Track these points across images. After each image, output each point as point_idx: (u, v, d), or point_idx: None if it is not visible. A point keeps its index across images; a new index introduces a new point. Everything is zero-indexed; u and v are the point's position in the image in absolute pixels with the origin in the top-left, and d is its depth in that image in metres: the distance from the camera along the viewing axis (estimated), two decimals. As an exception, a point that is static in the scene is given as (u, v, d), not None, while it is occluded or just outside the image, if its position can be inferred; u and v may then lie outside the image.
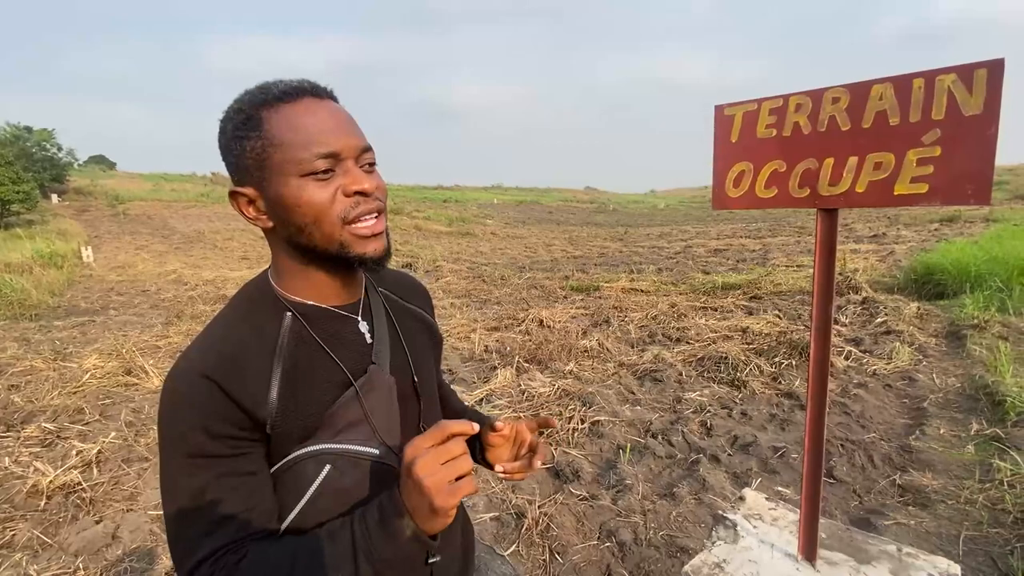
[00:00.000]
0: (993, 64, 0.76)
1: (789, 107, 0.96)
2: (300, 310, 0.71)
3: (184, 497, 0.63)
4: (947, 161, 0.81)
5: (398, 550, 0.61)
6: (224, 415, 0.63)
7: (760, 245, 13.53)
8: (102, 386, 4.35)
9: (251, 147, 0.65)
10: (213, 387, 0.62)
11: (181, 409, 0.63)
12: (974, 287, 6.16)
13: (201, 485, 0.62)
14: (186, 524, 0.63)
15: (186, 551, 0.62)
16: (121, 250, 13.92)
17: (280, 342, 0.68)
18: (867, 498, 2.68)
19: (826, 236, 0.99)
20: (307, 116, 0.65)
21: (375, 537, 0.61)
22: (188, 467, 0.63)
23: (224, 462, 0.63)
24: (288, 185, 0.65)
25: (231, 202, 0.70)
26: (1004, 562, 2.15)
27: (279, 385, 0.66)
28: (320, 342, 0.71)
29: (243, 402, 0.63)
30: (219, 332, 0.69)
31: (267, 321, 0.70)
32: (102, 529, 2.52)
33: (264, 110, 0.65)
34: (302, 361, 0.69)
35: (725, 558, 1.13)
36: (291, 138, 0.64)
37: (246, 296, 0.73)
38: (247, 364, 0.66)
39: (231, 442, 0.64)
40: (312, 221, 0.66)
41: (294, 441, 0.67)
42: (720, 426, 3.47)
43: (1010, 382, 3.67)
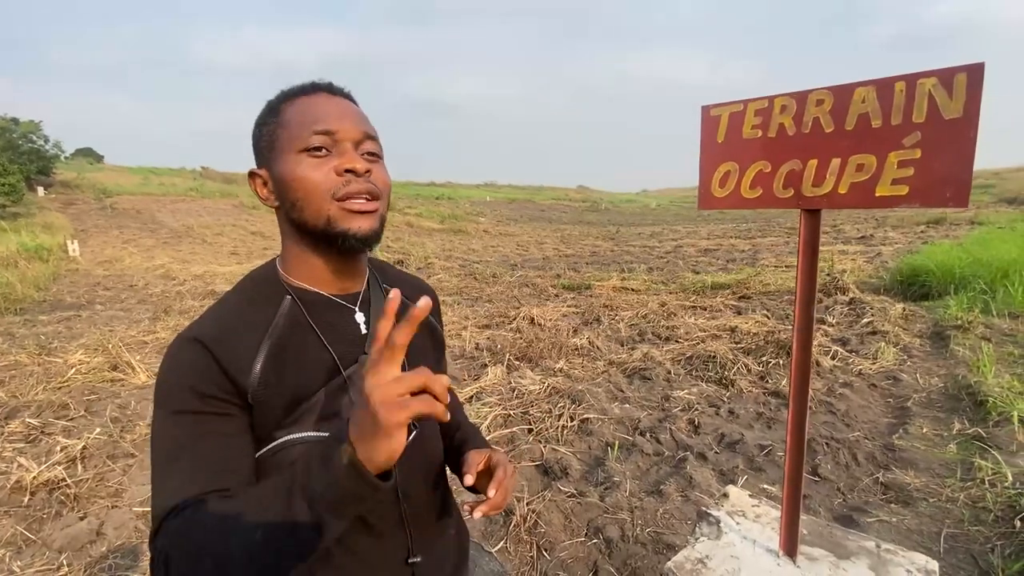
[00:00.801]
0: (973, 68, 0.77)
1: (774, 108, 0.97)
2: (299, 295, 0.75)
3: (166, 449, 0.65)
4: (927, 164, 0.83)
5: (332, 482, 0.54)
6: (210, 376, 0.66)
7: (750, 245, 13.64)
8: (87, 382, 4.30)
9: (267, 131, 0.73)
10: (202, 349, 0.66)
11: (173, 368, 0.67)
12: (958, 289, 6.26)
13: (185, 438, 0.65)
14: (166, 474, 0.64)
15: (162, 499, 0.63)
16: (108, 244, 13.73)
17: (275, 322, 0.72)
18: (851, 496, 2.72)
19: (809, 236, 1.00)
20: (316, 104, 0.72)
21: (312, 466, 0.56)
22: (173, 421, 0.65)
23: (208, 420, 0.66)
24: (287, 161, 0.70)
25: (249, 183, 0.76)
26: (984, 559, 2.20)
27: (264, 360, 0.69)
28: (314, 327, 0.73)
29: (228, 368, 0.66)
30: (221, 308, 0.74)
31: (267, 302, 0.74)
32: (86, 525, 2.49)
33: (284, 102, 0.73)
34: (293, 342, 0.72)
35: (708, 554, 1.15)
36: (296, 120, 0.70)
37: (252, 278, 0.78)
38: (237, 336, 0.69)
39: (215, 402, 0.66)
40: (303, 195, 0.69)
41: (276, 420, 0.69)
42: (708, 424, 3.50)
43: (992, 382, 3.74)
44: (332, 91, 0.75)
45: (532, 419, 3.50)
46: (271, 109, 0.73)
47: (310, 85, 0.74)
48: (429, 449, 0.87)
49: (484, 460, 0.85)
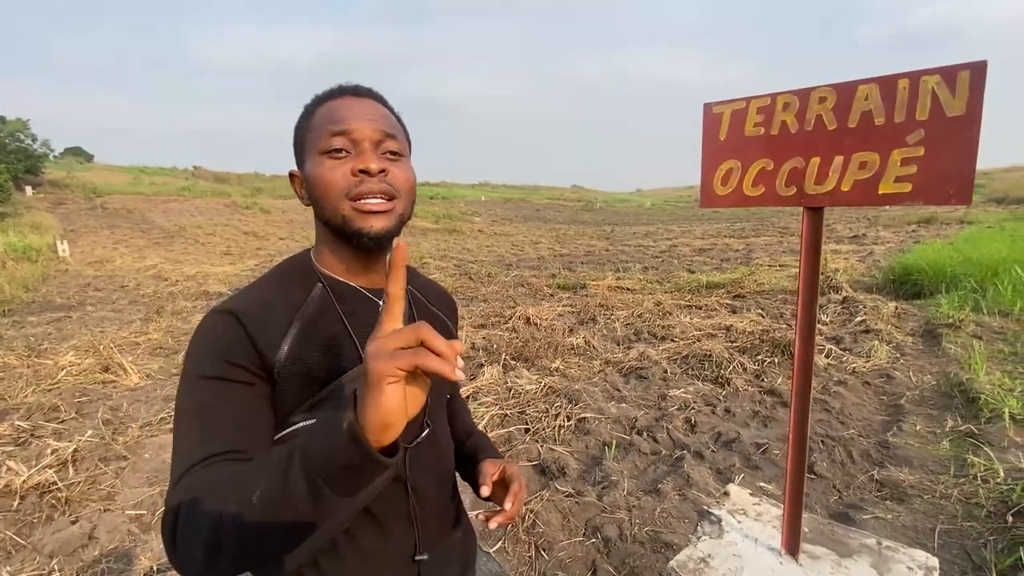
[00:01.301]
0: (976, 66, 0.77)
1: (777, 106, 0.97)
2: (330, 283, 0.78)
3: (190, 410, 0.67)
4: (930, 161, 0.83)
5: (329, 448, 0.52)
6: (240, 347, 0.68)
7: (744, 245, 13.70)
8: (78, 383, 4.25)
9: (300, 134, 0.77)
10: (235, 321, 0.69)
11: (205, 336, 0.70)
12: (949, 287, 6.31)
13: (207, 400, 0.67)
14: (187, 433, 0.66)
15: (181, 456, 0.65)
16: (98, 244, 13.59)
17: (306, 305, 0.75)
18: (846, 493, 2.73)
19: (812, 235, 1.00)
20: (336, 106, 0.74)
21: (314, 432, 0.55)
22: (200, 385, 0.68)
23: (233, 387, 0.68)
24: (312, 162, 0.74)
25: (291, 183, 0.81)
26: (978, 555, 2.21)
27: (292, 340, 0.71)
28: (341, 314, 0.76)
29: (258, 341, 0.69)
30: (255, 289, 0.77)
31: (299, 287, 0.77)
32: (78, 529, 2.46)
33: (319, 104, 0.76)
34: (320, 327, 0.74)
35: (710, 553, 1.14)
36: (320, 123, 0.74)
37: (287, 265, 0.81)
38: (270, 314, 0.72)
39: (242, 372, 0.68)
40: (322, 195, 0.73)
41: (295, 402, 0.70)
42: (704, 423, 3.51)
43: (984, 380, 3.77)
44: (358, 93, 0.77)
45: (529, 419, 3.50)
46: (306, 112, 0.77)
47: (338, 88, 0.77)
48: (441, 448, 0.87)
49: (499, 471, 0.89)
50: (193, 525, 0.57)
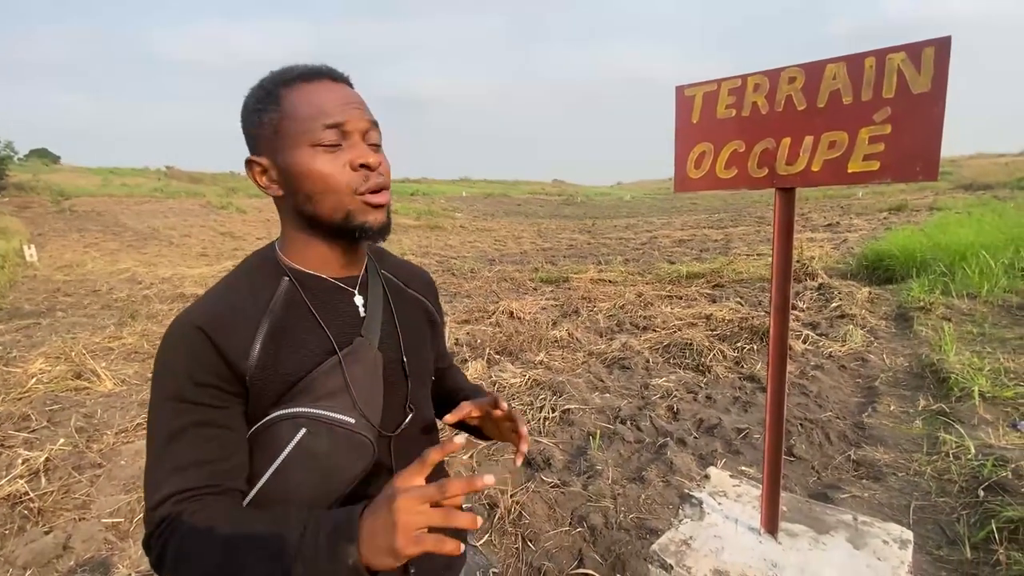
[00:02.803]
0: (940, 42, 0.78)
1: (748, 87, 0.97)
2: (297, 276, 0.75)
3: (163, 436, 0.66)
4: (897, 139, 0.84)
5: (333, 569, 0.56)
6: (209, 365, 0.66)
7: (722, 235, 13.89)
8: (49, 391, 4.12)
9: (268, 119, 0.70)
10: (202, 336, 0.66)
11: (172, 355, 0.68)
12: (920, 272, 6.48)
13: (180, 427, 0.65)
14: (160, 462, 0.65)
15: (155, 486, 0.65)
16: (68, 248, 13.16)
17: (272, 303, 0.72)
18: (824, 474, 2.79)
19: (784, 216, 1.01)
20: (321, 93, 0.71)
21: (320, 549, 0.57)
22: (171, 409, 0.66)
23: (204, 410, 0.66)
24: (299, 154, 0.69)
25: (246, 170, 0.74)
26: (951, 529, 2.28)
27: (263, 340, 0.69)
28: (311, 307, 0.74)
29: (227, 353, 0.67)
30: (219, 291, 0.73)
31: (265, 284, 0.74)
32: (52, 540, 2.39)
33: (283, 87, 0.71)
34: (290, 322, 0.72)
35: (691, 535, 1.15)
36: (304, 110, 0.69)
37: (250, 261, 0.78)
38: (237, 318, 0.69)
39: (214, 392, 0.67)
40: (321, 190, 0.70)
41: (271, 400, 0.69)
42: (686, 410, 3.55)
43: (953, 360, 3.89)
44: (334, 77, 0.73)
45: (522, 412, 3.50)
46: (268, 94, 0.71)
47: (310, 71, 0.72)
48: (425, 437, 0.87)
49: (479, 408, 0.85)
50: (187, 568, 0.61)
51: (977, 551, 2.14)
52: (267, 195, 0.75)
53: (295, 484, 0.69)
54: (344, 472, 0.71)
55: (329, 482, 0.71)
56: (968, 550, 2.14)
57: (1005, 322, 4.88)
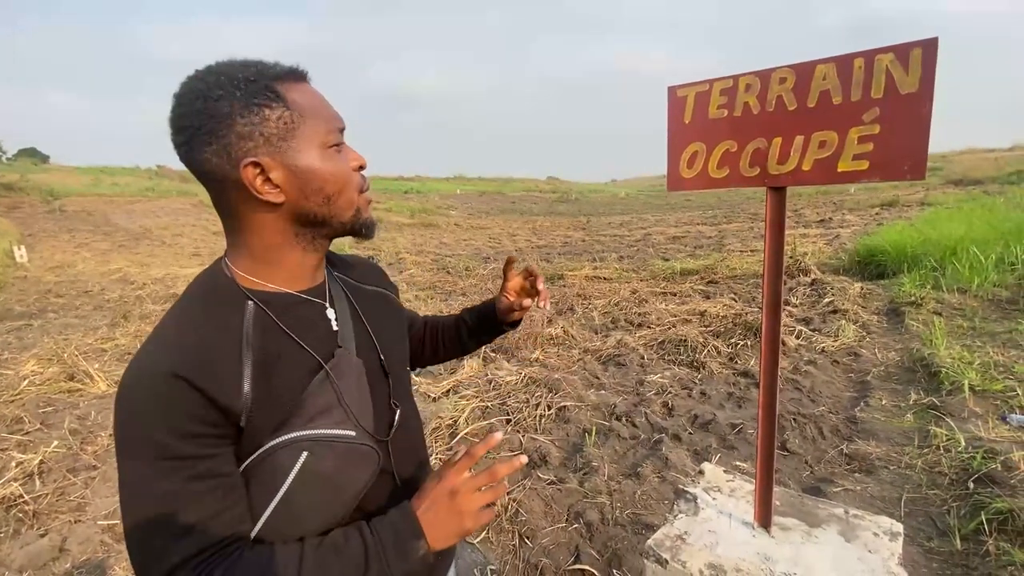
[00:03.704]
0: (927, 43, 0.79)
1: (739, 87, 0.98)
2: (262, 298, 0.69)
3: (151, 503, 0.59)
4: (885, 138, 0.85)
5: (407, 567, 0.64)
6: (195, 414, 0.60)
7: (716, 232, 13.95)
8: (42, 393, 4.09)
9: (276, 116, 0.64)
10: (184, 385, 0.59)
11: (147, 410, 0.59)
12: (911, 267, 6.54)
13: (170, 488, 0.59)
14: (154, 531, 0.58)
15: (155, 560, 0.58)
16: (59, 249, 13.03)
17: (245, 332, 0.66)
18: (817, 467, 2.82)
19: (775, 214, 1.03)
20: (315, 94, 0.70)
21: (391, 556, 0.64)
22: (155, 471, 0.59)
23: (195, 463, 0.60)
24: (315, 154, 0.67)
25: (240, 174, 0.64)
26: (942, 521, 2.32)
27: (251, 376, 0.64)
28: (286, 329, 0.70)
29: (218, 399, 0.61)
30: (178, 328, 0.65)
31: (228, 313, 0.67)
32: (48, 542, 2.38)
33: (280, 84, 0.65)
34: (270, 350, 0.67)
35: (686, 530, 1.17)
36: (315, 111, 0.68)
37: (201, 289, 0.70)
38: (216, 358, 0.63)
39: (202, 441, 0.61)
40: (339, 190, 0.70)
41: (266, 433, 0.65)
42: (681, 406, 3.57)
43: (944, 354, 3.93)
44: (308, 79, 0.71)
45: (510, 410, 3.51)
46: (264, 89, 0.64)
47: (297, 70, 0.69)
48: (412, 430, 0.88)
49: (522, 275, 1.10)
50: None
51: (967, 542, 2.17)
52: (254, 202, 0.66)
53: (304, 508, 0.67)
54: (353, 485, 0.70)
55: (339, 498, 0.70)
56: (958, 541, 2.17)
57: (995, 316, 4.94)
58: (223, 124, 0.63)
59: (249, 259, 0.71)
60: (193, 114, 0.63)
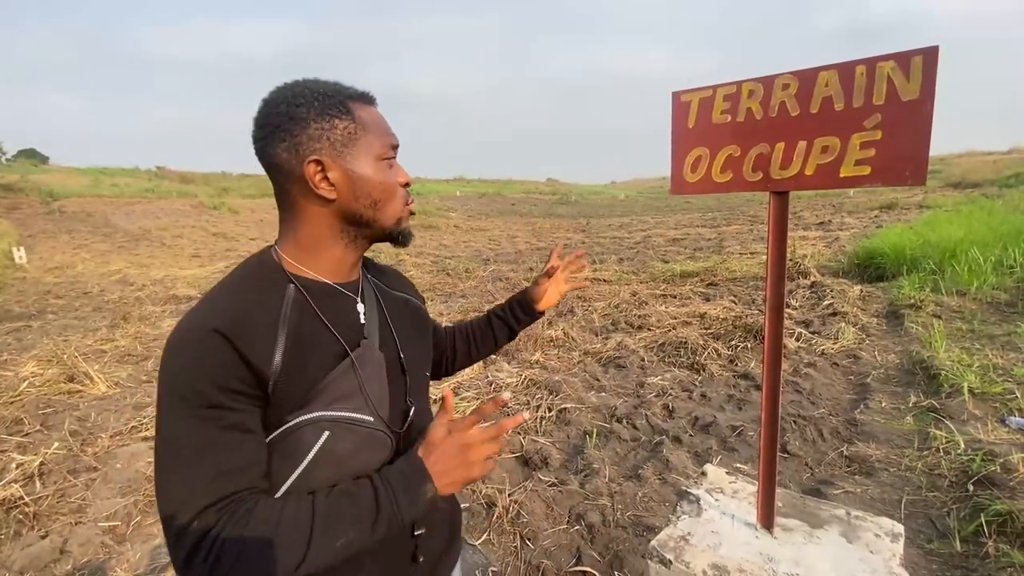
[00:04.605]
0: (928, 51, 0.80)
1: (742, 93, 1.00)
2: (303, 284, 0.78)
3: (188, 447, 0.65)
4: (887, 144, 0.86)
5: (416, 510, 0.70)
6: (232, 370, 0.67)
7: (715, 234, 13.97)
8: (42, 394, 4.09)
9: (343, 126, 0.75)
10: (224, 342, 0.66)
11: (191, 361, 0.66)
12: (910, 269, 6.56)
13: (207, 435, 0.65)
14: (188, 473, 0.64)
15: (186, 499, 0.64)
16: (58, 250, 13.03)
17: (284, 310, 0.74)
18: (818, 470, 2.83)
19: (778, 218, 1.04)
20: (379, 115, 0.81)
21: (400, 499, 0.69)
22: (194, 418, 0.65)
23: (230, 415, 0.66)
24: (370, 164, 0.77)
25: (304, 168, 0.74)
26: (942, 523, 2.33)
27: (283, 349, 0.71)
28: (320, 314, 0.77)
29: (252, 360, 0.67)
30: (225, 296, 0.73)
31: (271, 291, 0.75)
32: (49, 544, 2.38)
33: (351, 102, 0.77)
34: (304, 330, 0.74)
35: (689, 531, 1.18)
36: (375, 128, 0.78)
37: (249, 268, 0.78)
38: (255, 326, 0.70)
39: (236, 396, 0.67)
40: (385, 197, 0.79)
41: (289, 408, 0.71)
42: (681, 408, 3.58)
43: (943, 357, 3.95)
44: (376, 106, 0.83)
45: (510, 411, 3.52)
46: (338, 104, 0.75)
47: (368, 95, 0.81)
48: (425, 425, 0.90)
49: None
50: (258, 559, 0.62)
51: (967, 544, 2.18)
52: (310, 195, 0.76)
53: (320, 484, 0.72)
54: (366, 468, 0.76)
55: (352, 478, 0.75)
56: (958, 543, 2.18)
57: (994, 319, 4.95)
58: (298, 126, 0.73)
59: (296, 247, 0.79)
60: (276, 115, 0.74)
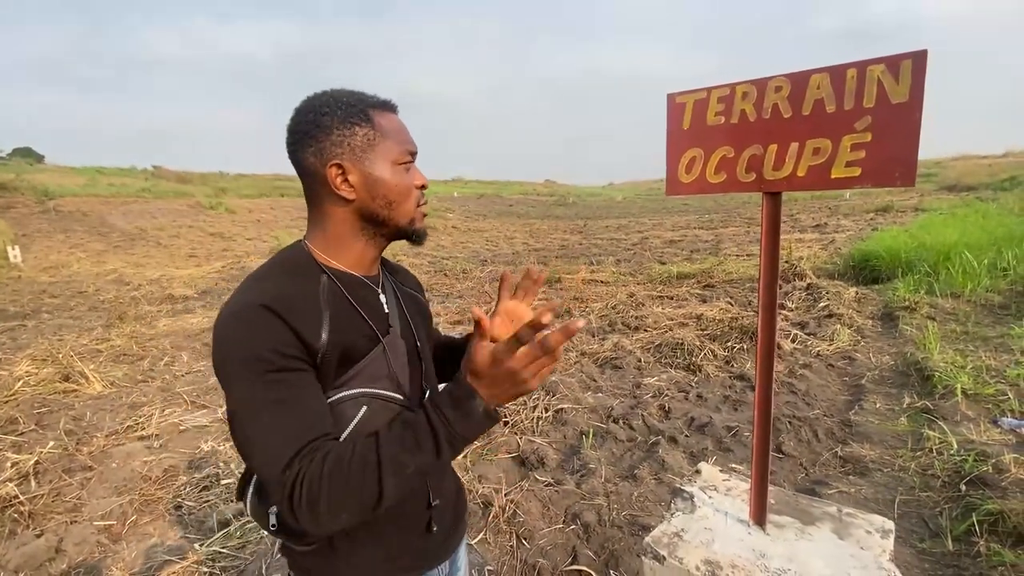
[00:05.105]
0: (917, 55, 0.82)
1: (736, 95, 1.01)
2: (335, 274, 0.84)
3: (264, 408, 0.71)
4: (877, 146, 0.88)
5: (474, 426, 0.71)
6: (290, 340, 0.73)
7: (713, 236, 14.02)
8: (36, 394, 4.08)
9: (363, 132, 0.81)
10: (275, 316, 0.72)
11: (247, 334, 0.72)
12: (905, 272, 6.60)
13: (277, 394, 0.71)
14: (273, 432, 0.70)
15: (277, 454, 0.70)
16: (53, 249, 12.98)
17: (322, 294, 0.80)
18: (812, 470, 2.85)
19: (771, 219, 1.05)
20: (399, 123, 0.87)
21: (452, 416, 0.71)
22: (265, 383, 0.71)
23: (296, 376, 0.73)
24: (387, 168, 0.83)
25: (325, 171, 0.81)
26: (934, 522, 2.35)
27: (328, 327, 0.77)
28: (352, 301, 0.84)
29: (302, 333, 0.73)
30: (265, 281, 0.79)
31: (307, 279, 0.81)
32: (44, 543, 2.38)
33: (372, 110, 0.83)
34: (341, 314, 0.81)
35: (683, 527, 1.19)
36: (394, 135, 0.84)
37: (285, 258, 0.85)
38: (301, 304, 0.76)
39: (298, 362, 0.73)
40: (399, 199, 0.85)
41: (331, 383, 0.78)
42: (677, 409, 3.60)
43: (937, 358, 3.98)
44: (397, 112, 0.89)
45: (507, 411, 3.53)
46: (359, 112, 0.82)
47: (389, 103, 0.87)
48: None
49: None
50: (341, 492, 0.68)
51: (959, 543, 2.20)
52: (333, 196, 0.82)
53: None
54: None
55: None
56: (950, 542, 2.20)
57: (987, 321, 4.99)
58: (324, 132, 0.80)
59: (323, 241, 0.86)
60: (305, 123, 0.81)
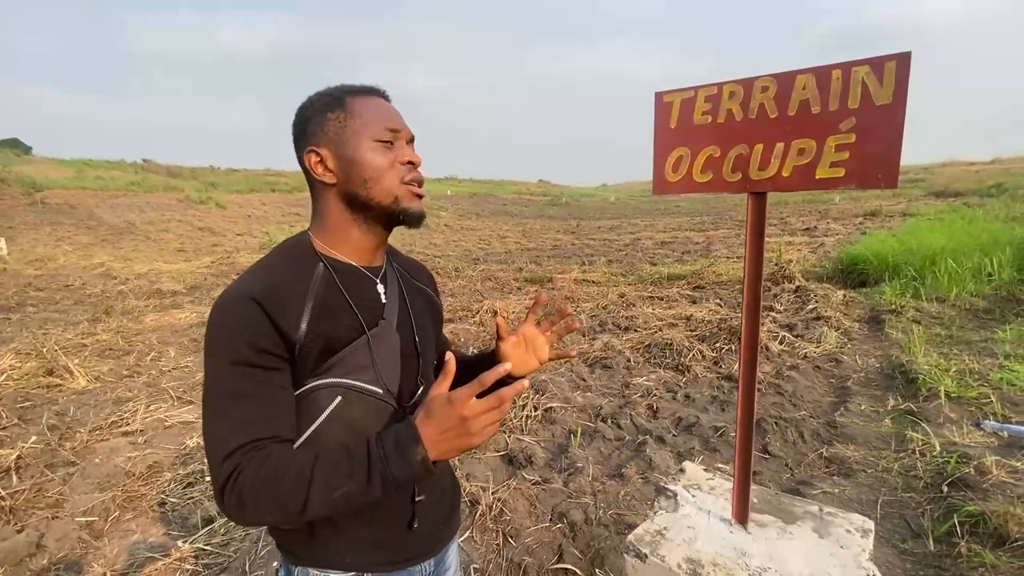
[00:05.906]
0: (901, 57, 0.83)
1: (723, 95, 1.01)
2: (332, 263, 0.86)
3: (226, 397, 0.74)
4: (861, 147, 0.88)
5: (408, 471, 0.71)
6: (266, 333, 0.75)
7: (704, 237, 14.10)
8: (20, 388, 4.03)
9: (335, 117, 0.83)
10: (259, 309, 0.75)
11: (232, 323, 0.75)
12: (892, 276, 6.68)
13: (242, 388, 0.74)
14: (225, 420, 0.74)
15: (222, 441, 0.73)
16: (40, 242, 12.79)
17: (313, 284, 0.82)
18: (798, 470, 2.87)
19: (756, 219, 1.06)
20: (381, 103, 0.87)
21: (391, 458, 0.71)
22: (233, 373, 0.74)
23: (263, 373, 0.75)
24: (361, 147, 0.82)
25: (303, 160, 0.85)
26: (916, 523, 2.37)
27: (309, 317, 0.79)
28: (344, 292, 0.85)
29: (281, 326, 0.76)
30: (263, 270, 0.82)
31: (303, 267, 0.84)
32: (25, 538, 2.34)
33: (348, 96, 0.85)
34: (329, 304, 0.82)
35: (666, 526, 1.19)
36: (368, 115, 0.84)
37: (287, 247, 0.88)
38: (286, 296, 0.79)
39: (270, 358, 0.76)
40: (377, 177, 0.83)
41: (309, 372, 0.80)
42: (665, 408, 3.61)
43: (922, 361, 4.03)
44: (387, 98, 0.89)
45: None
46: (335, 99, 0.84)
47: (372, 88, 0.88)
48: None
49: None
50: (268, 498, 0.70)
51: (940, 544, 2.23)
52: (318, 182, 0.85)
53: (329, 441, 0.80)
54: (371, 432, 0.80)
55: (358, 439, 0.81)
56: (932, 543, 2.23)
57: (971, 325, 5.06)
58: (307, 126, 0.84)
59: (322, 230, 0.88)
60: (296, 122, 0.86)
